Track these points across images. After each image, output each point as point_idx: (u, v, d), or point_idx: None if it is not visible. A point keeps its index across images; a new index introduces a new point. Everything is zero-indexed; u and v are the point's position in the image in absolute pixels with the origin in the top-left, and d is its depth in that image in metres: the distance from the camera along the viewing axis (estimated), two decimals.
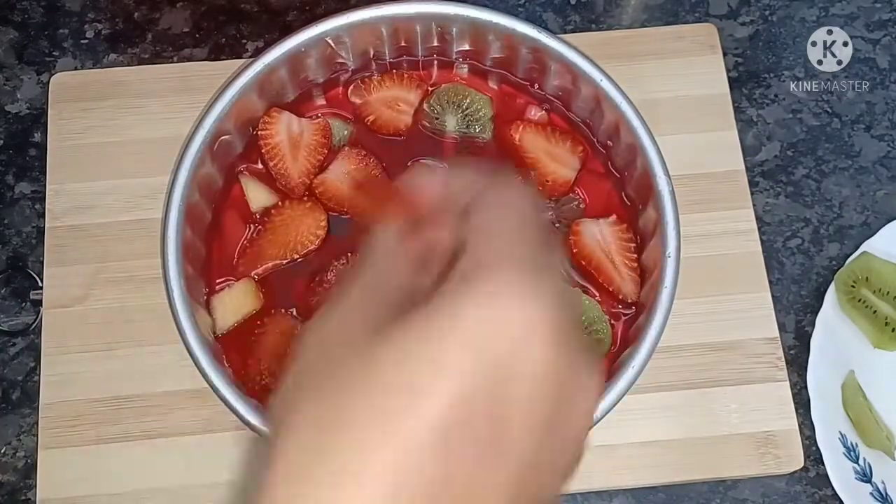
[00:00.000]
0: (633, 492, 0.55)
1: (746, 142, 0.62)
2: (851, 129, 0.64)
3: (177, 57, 0.64)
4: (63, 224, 0.58)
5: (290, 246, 0.55)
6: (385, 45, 0.58)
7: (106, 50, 0.64)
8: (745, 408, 0.55)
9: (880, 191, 0.62)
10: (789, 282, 0.60)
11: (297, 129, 0.57)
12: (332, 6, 0.65)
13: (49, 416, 0.54)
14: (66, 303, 0.56)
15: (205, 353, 0.50)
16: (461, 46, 0.58)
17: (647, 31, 0.64)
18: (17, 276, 0.59)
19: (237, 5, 0.66)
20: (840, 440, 0.54)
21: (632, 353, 0.50)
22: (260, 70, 0.54)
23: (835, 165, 0.63)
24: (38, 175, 0.61)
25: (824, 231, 0.61)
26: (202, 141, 0.53)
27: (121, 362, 0.55)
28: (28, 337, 0.58)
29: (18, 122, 0.63)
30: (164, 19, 0.65)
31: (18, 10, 0.65)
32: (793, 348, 0.58)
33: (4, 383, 0.57)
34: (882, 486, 0.54)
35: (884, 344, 0.56)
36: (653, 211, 0.53)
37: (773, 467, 0.54)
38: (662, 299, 0.51)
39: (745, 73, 0.65)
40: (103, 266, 0.57)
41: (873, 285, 0.56)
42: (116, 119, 0.60)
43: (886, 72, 0.65)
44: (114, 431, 0.54)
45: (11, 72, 0.64)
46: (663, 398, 0.55)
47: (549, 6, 0.66)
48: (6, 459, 0.55)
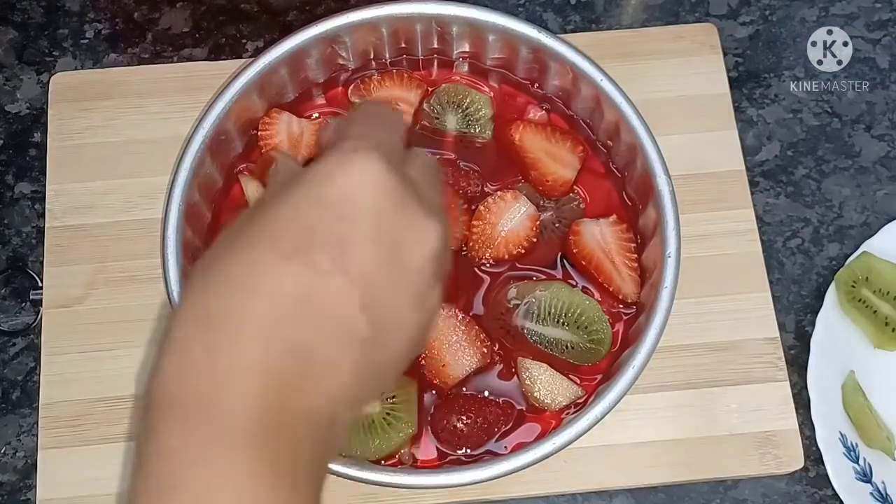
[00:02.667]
0: (633, 492, 0.55)
1: (746, 142, 0.62)
2: (851, 129, 0.64)
3: (177, 57, 0.64)
4: (63, 224, 0.58)
5: None
6: (385, 45, 0.58)
7: (106, 50, 0.64)
8: (745, 408, 0.55)
9: (880, 191, 0.62)
10: (789, 282, 0.60)
11: (297, 129, 0.57)
12: (332, 6, 0.65)
13: (49, 416, 0.54)
14: (66, 303, 0.56)
15: None
16: (461, 46, 0.58)
17: (647, 31, 0.64)
18: (17, 276, 0.59)
19: (237, 5, 0.66)
20: (840, 440, 0.54)
21: (632, 353, 0.50)
22: (260, 70, 0.55)
23: (835, 165, 0.63)
24: (38, 175, 0.61)
25: (824, 231, 0.61)
26: (202, 141, 0.53)
27: (121, 362, 0.55)
28: (28, 337, 0.58)
29: (18, 122, 0.63)
30: (164, 19, 0.65)
31: (18, 10, 0.65)
32: (793, 348, 0.58)
33: (4, 383, 0.57)
34: (882, 486, 0.54)
35: (884, 344, 0.56)
36: (653, 211, 0.53)
37: (773, 467, 0.54)
38: (662, 299, 0.51)
39: (745, 73, 0.65)
40: (103, 266, 0.57)
41: (873, 285, 0.56)
42: (116, 119, 0.60)
43: (886, 72, 0.65)
44: (114, 431, 0.54)
45: (11, 72, 0.64)
46: (663, 398, 0.55)
47: (549, 6, 0.66)
48: (6, 459, 0.55)
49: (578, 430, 0.49)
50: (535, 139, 0.57)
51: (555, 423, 0.53)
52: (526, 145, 0.57)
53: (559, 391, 0.53)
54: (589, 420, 0.49)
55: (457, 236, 0.55)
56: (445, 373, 0.52)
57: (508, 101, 0.59)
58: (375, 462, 0.51)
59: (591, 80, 0.55)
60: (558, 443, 0.48)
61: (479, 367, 0.53)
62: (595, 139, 0.58)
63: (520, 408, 0.53)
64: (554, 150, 0.57)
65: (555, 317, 0.54)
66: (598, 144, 0.58)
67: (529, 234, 0.55)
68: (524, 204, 0.55)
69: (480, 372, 0.53)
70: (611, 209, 0.57)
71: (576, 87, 0.56)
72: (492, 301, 0.55)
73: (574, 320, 0.53)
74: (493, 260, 0.55)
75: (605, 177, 0.58)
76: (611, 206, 0.57)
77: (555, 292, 0.54)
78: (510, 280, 0.55)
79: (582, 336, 0.53)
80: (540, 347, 0.54)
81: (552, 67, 0.56)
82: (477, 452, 0.52)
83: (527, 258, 0.56)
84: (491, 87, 0.60)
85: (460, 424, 0.52)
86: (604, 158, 0.58)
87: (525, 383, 0.53)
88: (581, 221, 0.56)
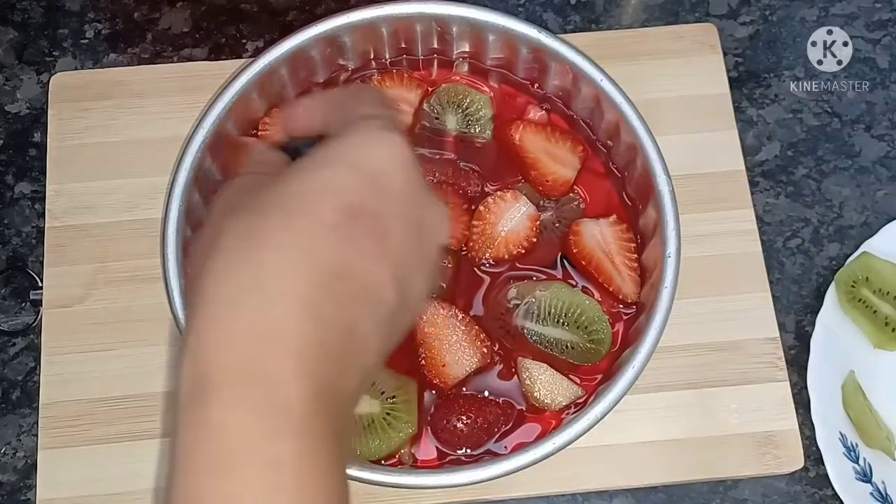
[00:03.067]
0: (633, 492, 0.55)
1: (746, 142, 0.62)
2: (851, 129, 0.64)
3: (177, 57, 0.64)
4: (63, 224, 0.58)
5: None
6: (385, 45, 0.58)
7: (106, 50, 0.64)
8: (745, 408, 0.55)
9: (880, 191, 0.62)
10: (789, 282, 0.60)
11: None
12: (332, 6, 0.65)
13: (49, 416, 0.54)
14: (66, 303, 0.56)
15: None
16: (461, 46, 0.58)
17: (647, 31, 0.64)
18: (17, 276, 0.59)
19: (237, 5, 0.66)
20: (840, 440, 0.54)
21: (632, 353, 0.50)
22: (260, 70, 0.55)
23: (835, 165, 0.63)
24: (38, 175, 0.61)
25: (824, 231, 0.61)
26: (202, 141, 0.53)
27: (121, 362, 0.55)
28: (28, 337, 0.58)
29: (18, 122, 0.63)
30: (164, 19, 0.65)
31: (18, 10, 0.65)
32: (793, 348, 0.58)
33: (4, 383, 0.57)
34: (882, 486, 0.54)
35: (884, 344, 0.56)
36: (653, 211, 0.53)
37: (773, 467, 0.54)
38: (662, 299, 0.51)
39: (745, 73, 0.65)
40: (103, 266, 0.57)
41: (873, 285, 0.56)
42: (116, 119, 0.60)
43: (886, 72, 0.65)
44: (114, 431, 0.54)
45: (11, 72, 0.64)
46: (663, 398, 0.55)
47: (549, 6, 0.66)
48: (6, 459, 0.55)
49: (578, 430, 0.49)
50: (535, 139, 0.57)
51: (555, 423, 0.53)
52: (526, 145, 0.57)
53: (559, 391, 0.53)
54: (589, 420, 0.49)
55: (457, 236, 0.55)
56: (445, 373, 0.52)
57: (508, 101, 0.59)
58: (375, 462, 0.51)
59: (591, 80, 0.55)
60: (558, 443, 0.48)
61: (479, 367, 0.53)
62: (595, 139, 0.58)
63: (520, 408, 0.53)
64: (554, 150, 0.57)
65: (555, 317, 0.54)
66: (598, 144, 0.58)
67: (529, 234, 0.55)
68: (524, 204, 0.55)
69: (480, 372, 0.53)
70: (611, 209, 0.57)
71: (576, 87, 0.56)
72: (492, 301, 0.55)
73: (574, 320, 0.53)
74: (493, 260, 0.55)
75: (605, 177, 0.58)
76: (611, 206, 0.57)
77: (555, 292, 0.54)
78: (510, 280, 0.55)
79: (582, 336, 0.53)
80: (540, 347, 0.54)
81: (552, 67, 0.56)
82: (477, 452, 0.52)
83: (527, 258, 0.56)
84: (491, 87, 0.60)
85: (460, 424, 0.52)
86: (604, 158, 0.58)
87: (525, 383, 0.53)
88: (581, 221, 0.56)
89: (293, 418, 0.28)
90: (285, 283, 0.29)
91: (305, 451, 0.28)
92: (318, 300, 0.30)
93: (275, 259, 0.30)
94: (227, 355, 0.28)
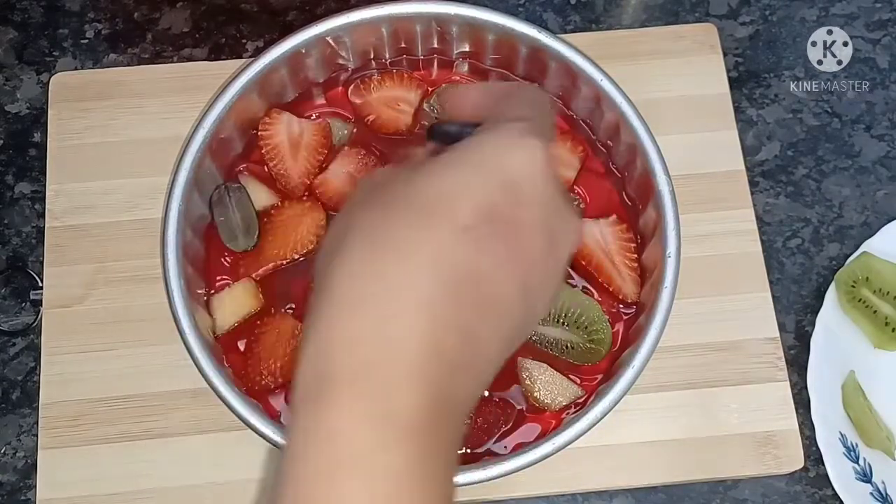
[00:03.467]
0: (633, 492, 0.55)
1: (746, 142, 0.62)
2: (851, 129, 0.64)
3: (177, 57, 0.64)
4: (63, 224, 0.58)
5: (289, 246, 0.55)
6: (385, 45, 0.58)
7: (106, 50, 0.64)
8: (745, 408, 0.55)
9: (880, 191, 0.62)
10: (789, 282, 0.60)
11: (298, 129, 0.57)
12: (332, 6, 0.65)
13: (49, 416, 0.54)
14: (66, 303, 0.56)
15: (205, 354, 0.50)
16: (461, 46, 0.58)
17: (647, 31, 0.64)
18: (17, 276, 0.59)
19: (237, 5, 0.66)
20: (840, 440, 0.54)
21: (632, 353, 0.50)
22: (260, 70, 0.54)
23: (835, 165, 0.63)
24: (38, 175, 0.61)
25: (824, 231, 0.61)
26: (202, 141, 0.53)
27: (121, 362, 0.55)
28: (28, 337, 0.58)
29: (18, 122, 0.63)
30: (164, 19, 0.65)
31: (18, 10, 0.65)
32: (793, 348, 0.58)
33: (4, 383, 0.57)
34: (882, 486, 0.54)
35: (884, 344, 0.56)
36: (653, 211, 0.53)
37: (773, 467, 0.54)
38: (662, 299, 0.51)
39: (745, 73, 0.65)
40: (103, 266, 0.57)
41: (873, 285, 0.56)
42: (116, 119, 0.60)
43: (886, 72, 0.65)
44: (114, 431, 0.54)
45: (11, 72, 0.64)
46: (663, 398, 0.55)
47: (549, 6, 0.66)
48: (6, 459, 0.55)
49: (578, 430, 0.49)
50: None
51: (555, 423, 0.53)
52: None
53: (559, 391, 0.53)
54: (589, 420, 0.49)
55: None
56: None
57: None
58: None
59: (591, 80, 0.55)
60: (558, 443, 0.48)
61: None
62: (595, 139, 0.58)
63: (520, 408, 0.53)
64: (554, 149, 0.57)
65: (555, 317, 0.53)
66: (598, 144, 0.58)
67: None
68: None
69: None
70: (611, 209, 0.57)
71: (576, 87, 0.56)
72: None
73: (574, 320, 0.53)
74: None
75: (605, 177, 0.58)
76: (611, 206, 0.57)
77: None
78: None
79: (582, 336, 0.53)
80: (540, 347, 0.54)
81: (552, 67, 0.56)
82: (477, 452, 0.52)
83: None
84: None
85: None
86: (604, 158, 0.58)
87: (525, 383, 0.53)
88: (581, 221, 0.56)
89: (406, 428, 0.28)
90: (410, 286, 0.29)
91: (415, 462, 0.28)
92: (442, 305, 0.29)
93: (402, 260, 0.30)
94: (346, 359, 0.28)
